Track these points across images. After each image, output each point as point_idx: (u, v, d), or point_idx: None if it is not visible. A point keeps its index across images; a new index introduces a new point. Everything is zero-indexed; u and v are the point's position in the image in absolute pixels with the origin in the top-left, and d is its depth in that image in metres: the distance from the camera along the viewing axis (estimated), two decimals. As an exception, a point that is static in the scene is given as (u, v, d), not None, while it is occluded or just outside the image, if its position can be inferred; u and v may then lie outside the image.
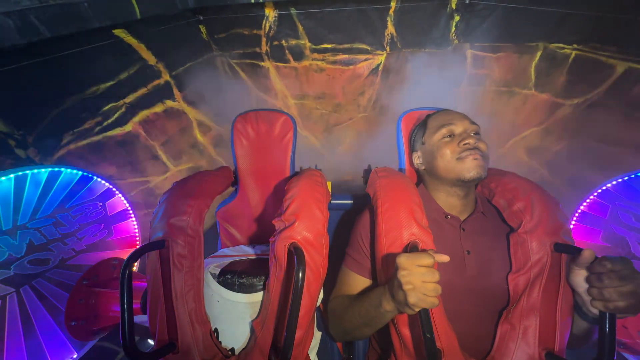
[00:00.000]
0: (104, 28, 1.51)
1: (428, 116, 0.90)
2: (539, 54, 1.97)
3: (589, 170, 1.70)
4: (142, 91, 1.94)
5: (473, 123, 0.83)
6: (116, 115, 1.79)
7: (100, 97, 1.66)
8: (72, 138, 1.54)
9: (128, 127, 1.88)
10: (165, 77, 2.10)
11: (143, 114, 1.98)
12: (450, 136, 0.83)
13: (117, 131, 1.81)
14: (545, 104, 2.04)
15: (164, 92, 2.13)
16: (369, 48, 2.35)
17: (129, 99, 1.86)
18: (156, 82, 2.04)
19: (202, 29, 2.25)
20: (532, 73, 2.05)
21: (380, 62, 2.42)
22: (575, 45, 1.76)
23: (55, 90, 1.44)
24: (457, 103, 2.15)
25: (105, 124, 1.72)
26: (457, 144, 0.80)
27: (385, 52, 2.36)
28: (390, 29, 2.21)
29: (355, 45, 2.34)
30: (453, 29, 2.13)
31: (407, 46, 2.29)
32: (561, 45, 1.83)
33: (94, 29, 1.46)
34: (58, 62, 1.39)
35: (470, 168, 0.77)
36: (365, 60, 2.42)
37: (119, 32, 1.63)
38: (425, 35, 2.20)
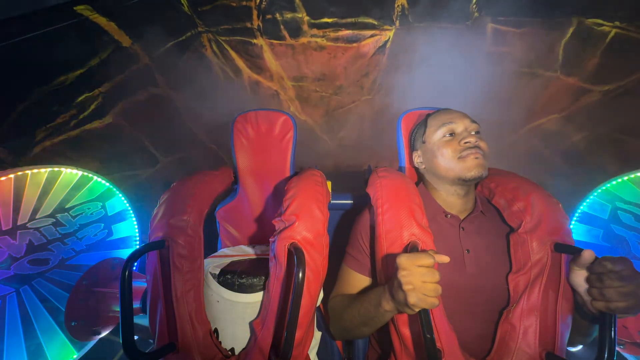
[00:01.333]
0: (63, 5, 1.29)
1: (428, 115, 0.90)
2: (570, 30, 1.74)
3: (608, 164, 1.59)
4: (119, 78, 1.75)
5: (473, 122, 0.83)
6: (92, 107, 1.65)
7: (70, 88, 1.52)
8: (46, 134, 1.44)
9: (108, 119, 1.75)
10: (144, 60, 1.87)
11: (124, 103, 1.81)
12: (450, 135, 0.83)
13: (97, 124, 1.69)
14: (570, 88, 1.84)
15: (145, 78, 1.90)
16: (376, 23, 2.06)
17: (105, 87, 1.69)
18: (134, 66, 1.82)
19: (183, 0, 1.94)
20: (560, 53, 1.82)
21: (388, 39, 2.12)
22: (617, 23, 1.56)
23: (16, 83, 1.30)
24: (472, 85, 1.95)
25: (81, 117, 1.60)
26: (457, 143, 0.80)
27: (394, 27, 2.06)
28: (401, -1, 1.90)
29: (360, 20, 2.06)
30: (474, -1, 1.83)
31: (420, 20, 1.99)
32: (600, 21, 1.60)
33: (51, 7, 1.24)
34: (13, 49, 1.21)
35: (471, 167, 0.77)
36: (371, 36, 2.13)
37: (83, 10, 1.39)
38: (441, 6, 1.90)
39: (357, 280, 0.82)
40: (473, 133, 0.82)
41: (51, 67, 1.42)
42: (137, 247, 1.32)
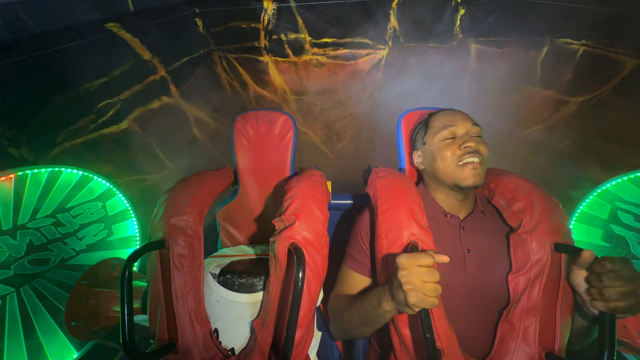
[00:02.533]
0: (96, 22, 1.47)
1: (430, 115, 0.90)
2: (545, 49, 1.95)
3: (593, 169, 1.68)
4: (137, 87, 1.91)
5: (475, 125, 0.83)
6: (111, 113, 1.77)
7: (93, 94, 1.64)
8: (66, 136, 1.53)
9: (124, 125, 1.86)
10: (161, 72, 2.07)
11: (139, 110, 1.96)
12: (451, 138, 0.82)
13: (113, 129, 1.80)
14: (550, 101, 2.03)
15: (160, 88, 2.09)
16: (371, 42, 2.31)
17: (124, 95, 1.83)
18: (151, 77, 2.01)
19: (199, 22, 2.19)
20: (538, 69, 2.03)
21: (382, 57, 2.37)
22: (584, 41, 1.74)
23: (46, 88, 1.41)
24: (460, 99, 2.13)
25: (100, 121, 1.71)
26: (458, 147, 0.80)
27: (387, 46, 2.31)
28: (393, 22, 2.16)
29: (357, 40, 2.30)
30: (457, 22, 2.08)
31: (410, 41, 2.24)
32: (569, 40, 1.81)
33: (86, 23, 1.40)
34: (48, 58, 1.34)
35: (467, 177, 0.78)
36: (367, 55, 2.37)
37: (112, 27, 1.58)
38: (428, 29, 2.15)
39: (357, 280, 0.82)
40: (474, 136, 0.81)
41: (79, 74, 1.56)
42: (137, 247, 1.32)
